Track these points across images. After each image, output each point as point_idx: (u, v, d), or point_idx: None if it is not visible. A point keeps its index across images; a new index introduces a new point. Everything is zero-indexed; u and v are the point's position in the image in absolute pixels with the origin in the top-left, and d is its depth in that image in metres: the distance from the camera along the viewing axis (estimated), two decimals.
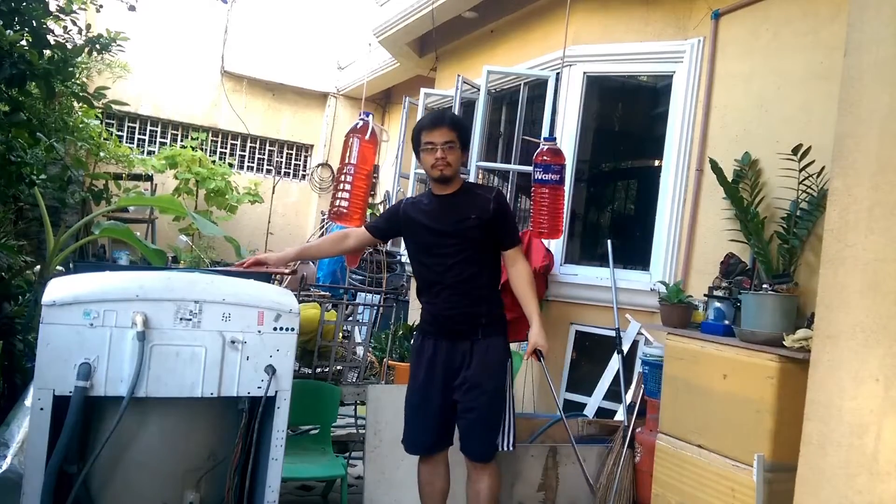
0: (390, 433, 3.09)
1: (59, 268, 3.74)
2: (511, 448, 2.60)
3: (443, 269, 2.56)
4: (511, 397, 2.64)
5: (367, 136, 2.51)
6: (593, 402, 3.98)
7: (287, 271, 2.63)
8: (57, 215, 5.16)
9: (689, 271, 3.80)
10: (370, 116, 2.55)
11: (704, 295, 3.25)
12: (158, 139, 8.98)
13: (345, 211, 2.54)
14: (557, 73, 4.47)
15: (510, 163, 4.94)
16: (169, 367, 2.12)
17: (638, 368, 3.57)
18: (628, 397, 3.60)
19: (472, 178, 4.86)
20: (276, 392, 2.29)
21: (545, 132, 4.44)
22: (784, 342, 2.55)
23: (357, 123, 2.56)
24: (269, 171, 9.52)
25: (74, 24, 3.50)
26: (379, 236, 2.82)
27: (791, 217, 3.07)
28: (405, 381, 3.82)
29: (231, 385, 2.21)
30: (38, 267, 3.96)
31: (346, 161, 2.56)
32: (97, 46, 3.50)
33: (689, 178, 3.89)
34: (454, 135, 2.54)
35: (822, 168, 2.96)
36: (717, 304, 3.11)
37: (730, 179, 3.33)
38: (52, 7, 3.26)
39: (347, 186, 2.52)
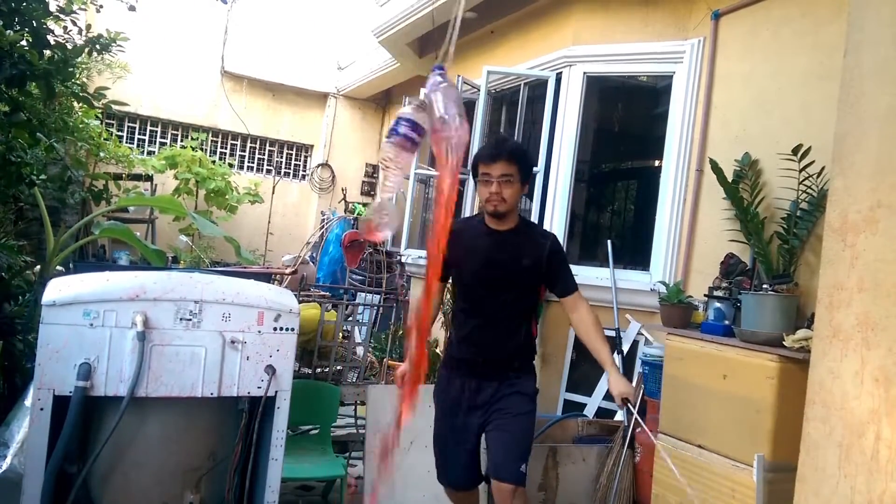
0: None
1: (59, 268, 3.74)
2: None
3: (485, 309, 2.43)
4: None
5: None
6: (593, 402, 3.98)
7: (288, 272, 2.62)
8: (57, 215, 5.16)
9: (689, 271, 3.80)
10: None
11: (704, 295, 3.25)
12: (158, 139, 8.97)
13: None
14: (557, 74, 4.47)
15: None
16: (169, 367, 2.13)
17: (638, 368, 3.57)
18: None
19: (471, 179, 4.86)
20: (276, 392, 2.30)
21: (545, 132, 4.45)
22: (784, 342, 2.55)
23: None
24: (269, 171, 9.52)
25: (74, 24, 3.51)
26: (446, 279, 2.60)
27: (791, 217, 3.07)
28: None
29: (231, 385, 2.21)
30: (38, 267, 3.96)
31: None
32: (97, 46, 3.50)
33: (689, 178, 3.89)
34: (514, 168, 2.34)
35: (822, 168, 2.96)
36: (717, 305, 3.11)
37: (730, 179, 3.33)
38: (52, 7, 3.26)
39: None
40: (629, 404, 2.41)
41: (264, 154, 9.59)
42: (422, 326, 2.47)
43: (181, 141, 8.91)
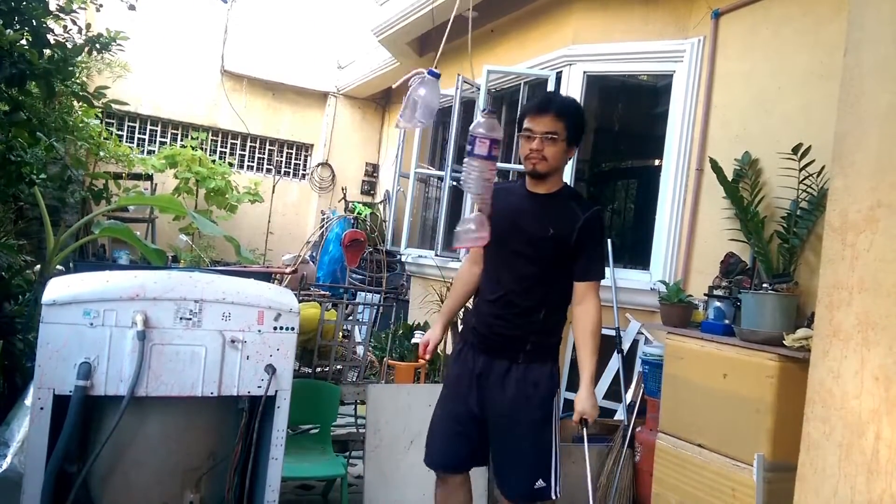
0: (390, 433, 3.10)
1: (59, 267, 3.73)
2: (558, 495, 2.19)
3: (504, 282, 2.22)
4: (557, 433, 2.24)
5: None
6: None
7: (288, 271, 2.61)
8: (57, 215, 5.16)
9: (689, 271, 3.80)
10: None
11: (704, 294, 3.25)
12: (158, 139, 8.97)
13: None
14: (558, 73, 4.47)
15: (510, 163, 4.94)
16: (169, 367, 2.12)
17: (638, 368, 3.57)
18: (628, 397, 3.60)
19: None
20: (276, 391, 2.29)
21: None
22: (784, 342, 2.55)
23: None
24: (269, 171, 9.52)
25: (74, 23, 3.50)
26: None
27: (791, 217, 3.07)
28: (405, 380, 3.83)
29: (231, 384, 2.21)
30: (38, 266, 3.96)
31: None
32: (97, 46, 3.49)
33: (689, 177, 3.89)
34: (560, 125, 2.12)
35: (822, 168, 2.96)
36: (717, 304, 3.12)
37: (730, 179, 3.33)
38: (52, 6, 3.26)
39: None
40: (585, 426, 2.19)
41: (264, 153, 9.58)
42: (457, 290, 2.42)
43: (181, 140, 8.91)
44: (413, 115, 2.10)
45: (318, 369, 3.41)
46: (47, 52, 3.13)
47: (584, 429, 2.21)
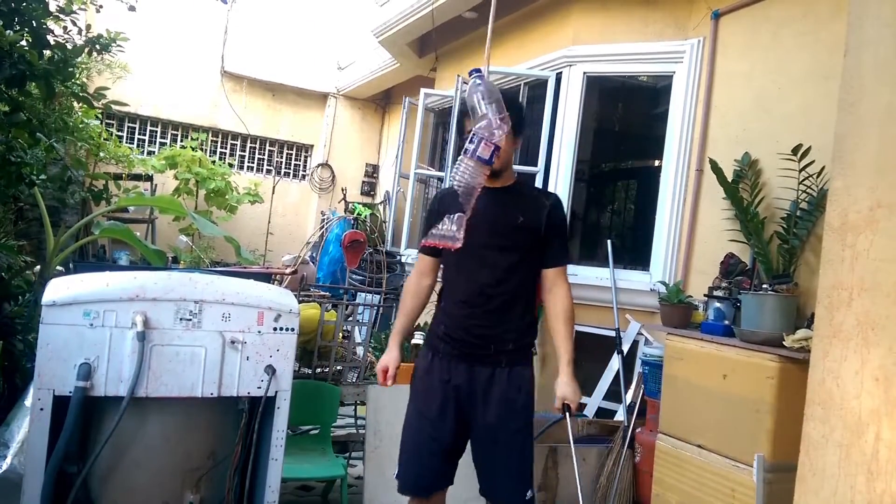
0: (390, 433, 3.09)
1: (59, 268, 3.74)
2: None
3: (477, 276, 2.16)
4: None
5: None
6: (593, 402, 3.98)
7: (288, 272, 2.61)
8: (57, 215, 5.16)
9: (689, 271, 3.80)
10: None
11: (704, 295, 3.25)
12: (158, 139, 8.97)
13: None
14: (557, 74, 4.47)
15: None
16: (169, 368, 2.13)
17: (638, 368, 3.57)
18: (628, 397, 3.60)
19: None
20: (276, 392, 2.30)
21: (545, 132, 4.45)
22: (784, 342, 2.55)
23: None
24: (269, 171, 9.52)
25: (74, 24, 3.50)
26: (436, 254, 2.31)
27: (791, 217, 3.07)
28: (405, 381, 3.82)
29: (231, 385, 2.21)
30: (38, 267, 3.96)
31: None
32: (97, 46, 3.50)
33: (689, 178, 3.89)
34: None
35: (822, 168, 2.96)
36: (717, 304, 3.12)
37: (730, 179, 3.33)
38: (52, 7, 3.26)
39: None
40: (568, 411, 2.16)
41: (264, 154, 9.58)
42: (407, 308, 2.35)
43: (181, 141, 8.91)
44: (493, 118, 2.01)
45: (318, 370, 3.41)
46: (47, 52, 3.14)
47: (568, 414, 2.18)
